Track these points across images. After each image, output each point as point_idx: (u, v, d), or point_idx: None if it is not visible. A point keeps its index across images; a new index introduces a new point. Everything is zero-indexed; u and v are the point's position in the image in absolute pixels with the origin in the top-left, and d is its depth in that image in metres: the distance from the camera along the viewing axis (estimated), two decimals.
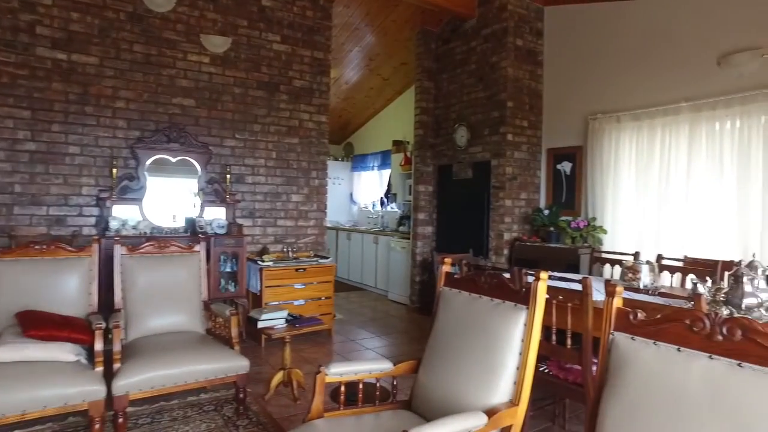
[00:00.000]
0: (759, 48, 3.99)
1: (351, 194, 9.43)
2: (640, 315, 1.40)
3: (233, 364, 2.78)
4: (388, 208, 8.38)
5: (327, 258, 5.00)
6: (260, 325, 3.15)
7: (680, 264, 3.68)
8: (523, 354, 1.78)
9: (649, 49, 4.64)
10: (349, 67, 7.50)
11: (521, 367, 1.78)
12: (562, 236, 4.93)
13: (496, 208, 5.32)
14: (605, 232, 4.75)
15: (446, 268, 2.31)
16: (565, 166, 5.32)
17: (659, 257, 3.77)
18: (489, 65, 5.44)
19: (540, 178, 5.59)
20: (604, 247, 4.66)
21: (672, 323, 1.32)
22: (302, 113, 5.31)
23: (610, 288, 1.49)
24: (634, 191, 4.63)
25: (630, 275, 3.17)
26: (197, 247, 3.35)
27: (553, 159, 5.45)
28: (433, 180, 6.29)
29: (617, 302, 1.47)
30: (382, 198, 8.62)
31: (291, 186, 5.27)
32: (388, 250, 7.04)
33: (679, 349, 1.28)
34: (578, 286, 2.49)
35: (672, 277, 3.65)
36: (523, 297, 1.85)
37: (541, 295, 1.80)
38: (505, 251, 5.25)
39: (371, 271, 7.58)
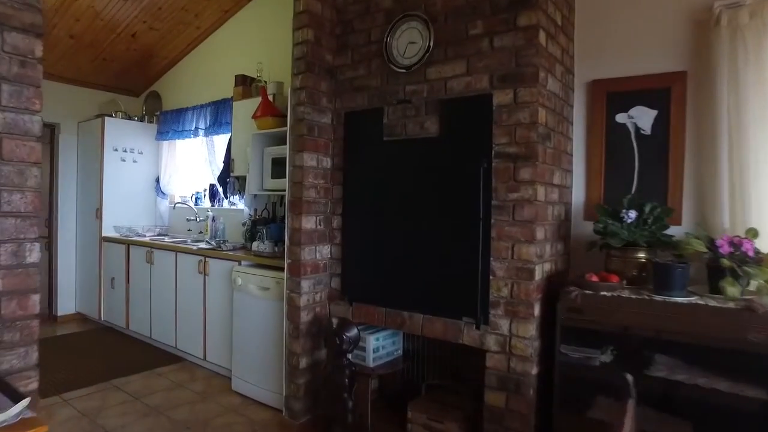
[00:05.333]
0: None
1: (158, 180, 5.53)
2: None
3: None
4: (227, 204, 4.79)
5: (21, 404, 1.35)
6: None
7: None
8: None
9: None
10: None
11: None
12: (684, 273, 2.05)
13: (513, 204, 2.24)
14: None
15: None
16: (640, 118, 2.47)
17: None
18: None
19: (573, 141, 2.68)
20: None
21: None
22: None
23: None
24: None
25: None
26: None
27: (608, 103, 2.57)
28: (337, 144, 2.97)
29: None
30: (213, 186, 4.95)
31: None
32: (228, 288, 3.52)
33: None
34: None
35: None
36: None
37: None
38: (536, 310, 2.20)
39: (195, 327, 3.92)
